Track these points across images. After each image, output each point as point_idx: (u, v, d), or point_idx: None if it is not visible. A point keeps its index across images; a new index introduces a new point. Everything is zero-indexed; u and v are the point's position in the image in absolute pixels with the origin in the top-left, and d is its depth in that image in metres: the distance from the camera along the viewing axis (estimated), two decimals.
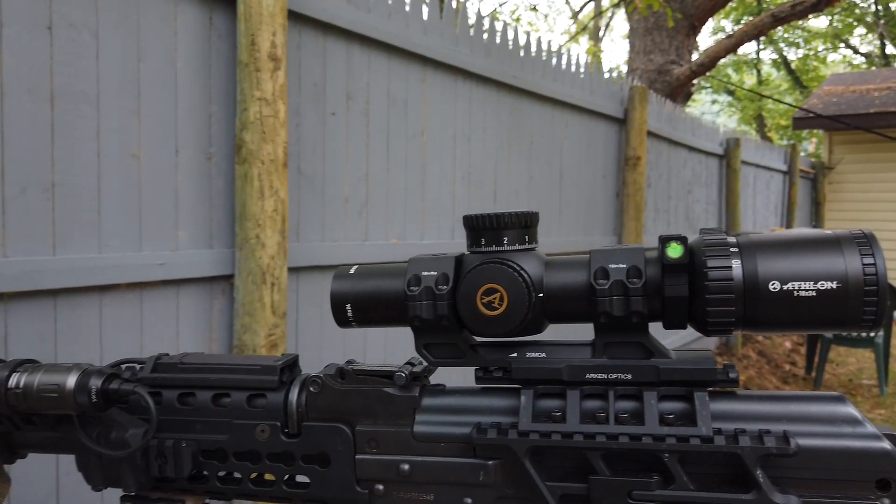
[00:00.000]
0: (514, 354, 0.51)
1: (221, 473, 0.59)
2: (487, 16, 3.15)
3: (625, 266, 0.46)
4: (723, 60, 10.28)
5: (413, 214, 2.87)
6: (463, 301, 0.49)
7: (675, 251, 0.44)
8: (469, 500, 0.51)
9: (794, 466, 0.43)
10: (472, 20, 3.06)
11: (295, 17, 2.25)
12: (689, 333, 5.56)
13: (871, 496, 0.42)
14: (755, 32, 6.94)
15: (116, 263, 1.82)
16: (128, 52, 1.85)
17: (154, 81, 1.91)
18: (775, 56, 18.10)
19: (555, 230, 3.82)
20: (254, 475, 0.59)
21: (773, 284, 0.42)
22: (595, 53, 12.90)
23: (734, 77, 18.47)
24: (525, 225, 0.50)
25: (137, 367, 0.61)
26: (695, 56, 7.20)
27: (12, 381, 0.56)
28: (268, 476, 0.58)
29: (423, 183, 2.90)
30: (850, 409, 0.44)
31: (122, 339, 1.86)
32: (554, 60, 3.67)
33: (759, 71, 18.71)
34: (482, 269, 0.48)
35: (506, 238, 0.49)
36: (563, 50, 3.78)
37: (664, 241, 0.45)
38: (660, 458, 0.45)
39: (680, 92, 6.94)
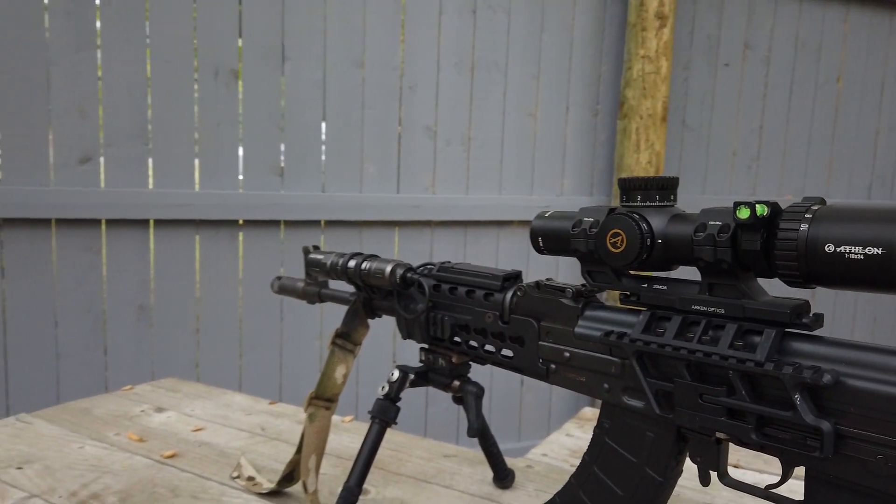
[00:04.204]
0: (645, 285, 0.66)
1: (467, 342, 0.88)
2: None
3: (719, 223, 0.57)
4: None
5: (817, 169, 2.63)
6: (599, 240, 0.66)
7: (742, 213, 0.54)
8: (606, 385, 0.70)
9: (841, 401, 0.52)
10: None
11: None
12: None
13: None
14: None
15: (511, 204, 2.21)
16: (533, 25, 2.17)
17: (552, 48, 2.21)
18: None
19: None
20: (483, 346, 0.86)
21: (828, 246, 0.50)
22: None
23: None
24: (660, 187, 0.64)
25: (432, 267, 0.94)
26: None
27: (363, 266, 0.94)
28: (489, 347, 0.86)
29: (834, 135, 2.63)
30: None
31: (513, 264, 2.27)
32: None
33: None
34: (612, 218, 0.65)
35: (639, 196, 0.65)
36: None
37: (736, 205, 0.55)
38: (726, 374, 0.57)
39: None
